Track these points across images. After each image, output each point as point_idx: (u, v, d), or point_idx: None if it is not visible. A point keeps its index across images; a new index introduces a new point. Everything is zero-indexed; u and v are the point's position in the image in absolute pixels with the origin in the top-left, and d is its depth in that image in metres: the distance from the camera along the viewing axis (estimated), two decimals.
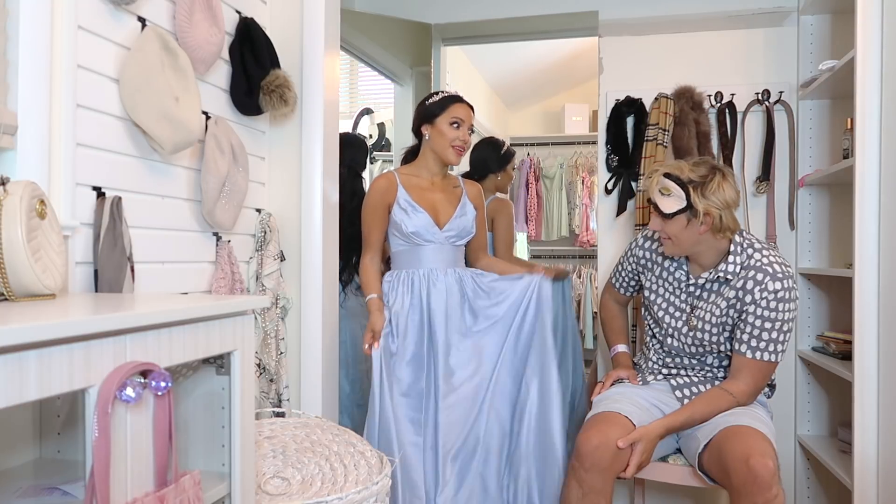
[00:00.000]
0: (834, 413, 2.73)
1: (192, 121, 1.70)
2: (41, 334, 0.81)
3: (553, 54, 5.27)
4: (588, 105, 6.17)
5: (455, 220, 2.30)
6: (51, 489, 1.14)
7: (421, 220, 2.25)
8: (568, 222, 6.37)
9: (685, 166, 1.93)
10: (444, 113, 2.26)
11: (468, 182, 2.46)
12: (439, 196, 2.32)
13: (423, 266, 2.27)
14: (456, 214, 2.31)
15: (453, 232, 2.30)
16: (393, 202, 2.27)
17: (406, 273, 2.27)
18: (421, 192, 2.30)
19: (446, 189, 2.35)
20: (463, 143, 2.27)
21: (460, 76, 4.56)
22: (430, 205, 2.29)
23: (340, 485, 1.67)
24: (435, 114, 2.27)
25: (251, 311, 1.30)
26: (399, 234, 2.28)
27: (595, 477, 1.85)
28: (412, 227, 2.25)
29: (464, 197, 2.36)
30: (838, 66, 2.32)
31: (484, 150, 3.26)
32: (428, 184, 2.32)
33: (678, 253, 2.02)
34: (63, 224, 1.35)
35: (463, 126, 2.26)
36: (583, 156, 6.27)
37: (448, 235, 2.29)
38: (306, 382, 2.22)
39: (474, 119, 2.35)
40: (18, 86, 1.34)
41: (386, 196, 2.27)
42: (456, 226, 2.30)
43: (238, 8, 2.07)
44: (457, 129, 2.26)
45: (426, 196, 2.30)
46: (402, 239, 2.28)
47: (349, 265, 2.77)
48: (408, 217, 2.25)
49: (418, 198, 2.28)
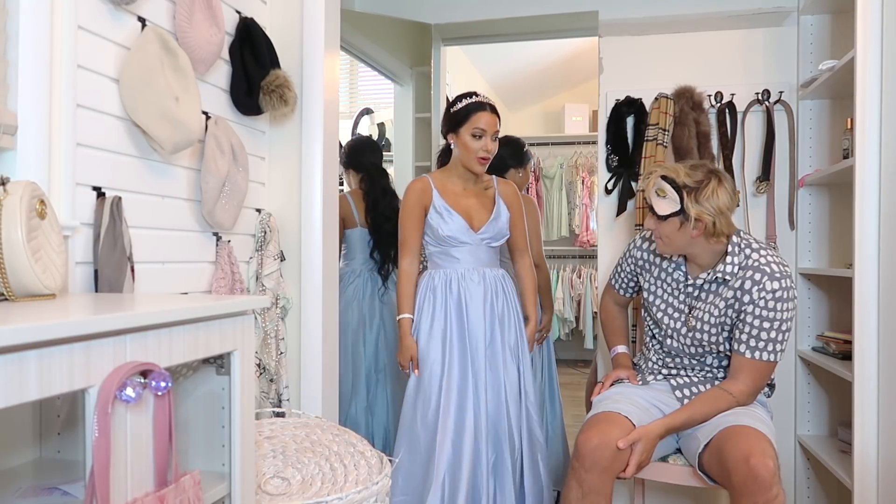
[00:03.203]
0: (834, 413, 2.73)
1: (192, 121, 1.70)
2: (41, 334, 0.81)
3: (553, 54, 5.27)
4: (588, 105, 6.17)
5: (490, 224, 2.34)
6: (51, 489, 1.14)
7: (456, 225, 2.29)
8: (568, 222, 6.37)
9: (682, 170, 1.93)
10: (467, 123, 2.26)
11: (503, 181, 2.46)
12: (473, 201, 2.35)
13: (460, 267, 2.32)
14: (491, 218, 2.35)
15: (488, 234, 2.33)
16: (429, 205, 2.30)
17: (443, 274, 2.32)
18: (455, 197, 2.33)
19: (479, 194, 2.37)
20: (487, 154, 2.27)
21: (460, 76, 4.56)
22: (464, 210, 2.32)
23: (340, 485, 1.67)
24: (458, 124, 2.28)
25: (251, 311, 1.30)
26: (434, 237, 2.32)
27: (595, 477, 1.85)
28: (448, 230, 2.28)
29: (497, 199, 2.38)
30: (838, 66, 2.32)
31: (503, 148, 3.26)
32: (461, 189, 2.35)
33: (670, 252, 2.03)
34: (63, 224, 1.35)
35: (486, 136, 2.25)
36: (583, 156, 6.28)
37: (483, 237, 2.32)
38: (306, 382, 2.22)
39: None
40: (18, 86, 1.34)
41: (423, 198, 2.31)
42: (490, 229, 2.34)
43: (238, 8, 2.07)
44: (479, 140, 2.25)
45: (460, 202, 2.33)
46: (438, 242, 2.32)
47: (388, 260, 2.96)
48: (443, 221, 2.29)
49: (453, 203, 2.32)
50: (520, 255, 2.48)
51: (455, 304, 2.29)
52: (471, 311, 2.29)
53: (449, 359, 2.26)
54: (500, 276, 2.37)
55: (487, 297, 2.30)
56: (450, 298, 2.29)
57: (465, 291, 2.29)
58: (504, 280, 2.37)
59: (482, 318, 2.29)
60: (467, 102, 2.28)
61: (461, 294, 2.29)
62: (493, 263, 2.38)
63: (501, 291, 2.34)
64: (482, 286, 2.30)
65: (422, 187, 2.32)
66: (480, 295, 2.29)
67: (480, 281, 2.31)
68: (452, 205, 2.30)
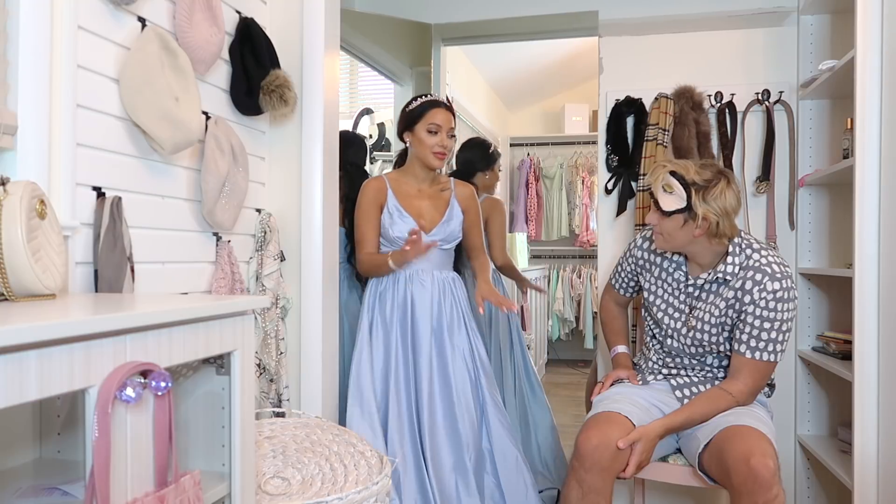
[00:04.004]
0: (834, 413, 2.73)
1: (192, 121, 1.70)
2: (41, 334, 0.81)
3: (553, 54, 5.27)
4: (588, 105, 6.18)
5: (441, 226, 2.36)
6: (51, 489, 1.14)
7: (407, 226, 2.30)
8: (568, 222, 6.38)
9: (692, 167, 1.93)
10: (422, 120, 2.29)
11: (460, 184, 2.48)
12: (426, 203, 2.37)
13: (408, 267, 2.31)
14: (443, 221, 2.36)
15: (439, 237, 2.34)
16: (384, 203, 2.32)
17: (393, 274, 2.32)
18: (409, 198, 2.35)
19: (434, 195, 2.39)
20: (443, 149, 2.30)
21: (460, 76, 4.57)
22: (416, 211, 2.34)
23: (340, 485, 1.67)
24: (414, 121, 2.31)
25: (251, 311, 1.30)
26: (384, 238, 2.34)
27: (595, 477, 1.85)
28: (397, 231, 2.30)
29: (452, 200, 2.40)
30: (838, 66, 2.32)
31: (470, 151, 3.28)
32: (415, 190, 2.37)
33: (667, 248, 2.03)
34: (63, 224, 1.35)
35: (441, 132, 2.28)
36: (583, 156, 6.29)
37: (433, 238, 2.32)
38: (306, 382, 2.22)
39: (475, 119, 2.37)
40: (18, 86, 1.34)
41: (378, 196, 2.33)
42: (441, 231, 2.35)
43: (238, 8, 2.07)
44: (435, 136, 2.28)
45: (413, 203, 2.35)
46: (387, 243, 2.34)
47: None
48: (394, 222, 2.31)
49: (406, 204, 2.34)
50: (476, 254, 2.49)
51: (401, 306, 2.29)
52: (417, 313, 2.29)
53: (395, 372, 2.26)
54: (451, 280, 2.38)
55: (435, 298, 2.31)
56: (396, 299, 2.29)
57: (412, 293, 2.30)
58: (454, 283, 2.38)
59: (428, 320, 2.28)
60: (422, 101, 2.32)
61: (407, 295, 2.30)
62: (444, 266, 2.38)
63: (450, 293, 2.34)
64: (429, 288, 2.31)
65: (377, 186, 2.34)
66: (428, 297, 2.30)
67: (430, 282, 2.31)
68: (405, 206, 2.33)
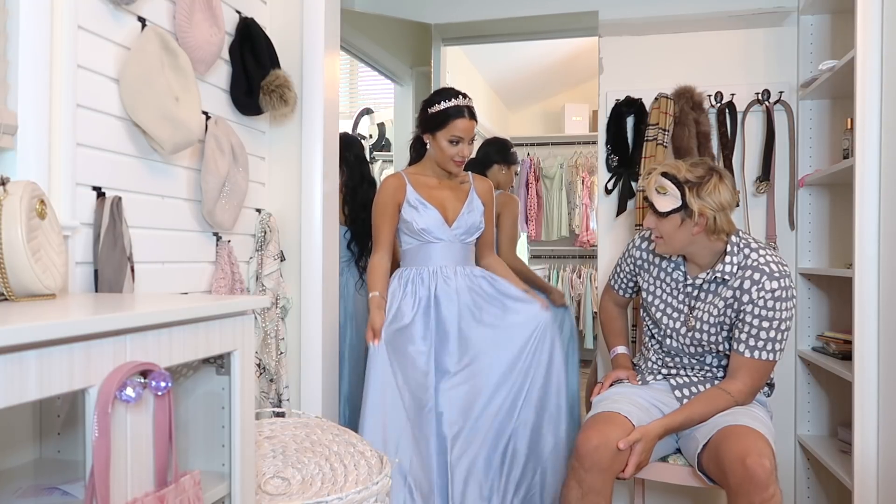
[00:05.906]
0: (834, 413, 2.73)
1: (192, 121, 1.70)
2: (41, 334, 0.81)
3: (553, 54, 5.27)
4: (588, 105, 6.17)
5: (463, 217, 2.33)
6: (51, 489, 1.14)
7: (431, 217, 2.29)
8: (568, 222, 6.37)
9: (682, 166, 1.94)
10: (444, 129, 2.25)
11: (479, 178, 2.47)
12: (447, 193, 2.35)
13: (432, 263, 2.30)
14: (464, 211, 2.34)
15: (462, 229, 2.33)
16: (403, 201, 2.30)
17: (416, 270, 2.30)
18: (429, 190, 2.33)
19: (454, 186, 2.38)
20: (463, 158, 2.29)
21: (460, 76, 4.56)
22: (438, 202, 2.33)
23: (340, 485, 1.67)
24: (436, 127, 2.28)
25: (251, 311, 1.30)
26: (409, 232, 2.31)
27: (595, 477, 1.85)
28: (422, 223, 2.28)
29: (471, 192, 2.39)
30: (838, 66, 2.32)
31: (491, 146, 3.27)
32: (435, 182, 2.36)
33: (669, 252, 2.03)
34: (63, 224, 1.35)
35: (463, 142, 2.27)
36: (583, 156, 6.28)
37: (457, 233, 2.31)
38: (306, 382, 2.22)
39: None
40: (18, 86, 1.34)
41: (396, 194, 2.30)
42: (464, 222, 2.33)
43: (238, 8, 2.07)
44: (455, 146, 2.27)
45: (434, 194, 2.33)
46: (412, 236, 2.31)
47: (365, 251, 2.83)
48: (418, 214, 2.29)
49: (427, 195, 2.32)
50: (487, 251, 2.47)
51: (425, 299, 2.26)
52: (442, 308, 2.26)
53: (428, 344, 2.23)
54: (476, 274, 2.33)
55: (462, 293, 2.28)
56: (420, 291, 2.27)
57: (436, 287, 2.27)
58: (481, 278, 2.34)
59: (455, 316, 2.25)
60: (447, 106, 2.25)
61: (431, 289, 2.27)
62: (468, 261, 2.36)
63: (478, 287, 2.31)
64: (455, 283, 2.28)
65: (396, 184, 2.31)
66: (454, 291, 2.27)
67: (454, 278, 2.29)
68: (427, 197, 2.30)
